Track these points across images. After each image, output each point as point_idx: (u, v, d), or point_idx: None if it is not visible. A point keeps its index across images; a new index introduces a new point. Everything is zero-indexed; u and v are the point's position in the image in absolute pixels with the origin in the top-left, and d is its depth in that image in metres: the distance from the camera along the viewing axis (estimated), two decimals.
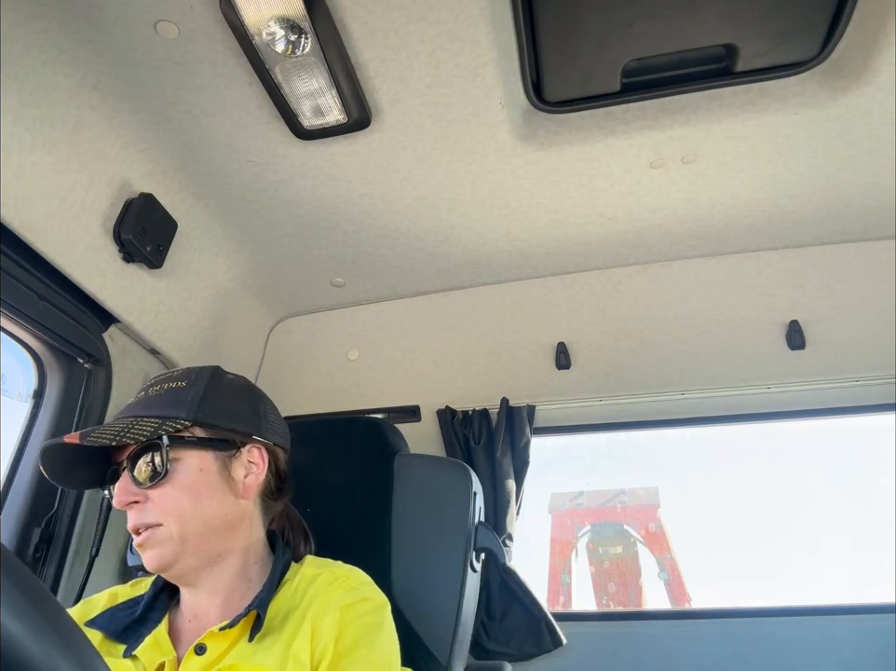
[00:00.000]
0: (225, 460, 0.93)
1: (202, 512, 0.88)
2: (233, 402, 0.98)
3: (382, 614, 0.90)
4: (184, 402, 0.93)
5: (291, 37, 1.11)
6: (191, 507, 0.87)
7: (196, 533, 0.88)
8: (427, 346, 2.04)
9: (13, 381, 1.44)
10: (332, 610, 0.85)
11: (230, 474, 0.92)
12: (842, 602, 1.72)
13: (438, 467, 1.38)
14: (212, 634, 0.85)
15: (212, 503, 0.89)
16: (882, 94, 1.31)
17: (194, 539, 0.87)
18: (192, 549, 0.88)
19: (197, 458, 0.91)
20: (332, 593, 0.88)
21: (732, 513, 8.12)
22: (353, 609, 0.86)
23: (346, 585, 0.91)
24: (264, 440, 0.98)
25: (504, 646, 1.72)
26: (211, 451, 0.92)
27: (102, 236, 1.34)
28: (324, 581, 0.91)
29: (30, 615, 0.43)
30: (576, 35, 1.21)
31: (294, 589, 0.92)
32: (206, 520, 0.88)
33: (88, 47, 1.14)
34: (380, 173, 1.50)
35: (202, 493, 0.89)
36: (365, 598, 0.90)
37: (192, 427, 0.92)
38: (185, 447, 0.90)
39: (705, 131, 1.42)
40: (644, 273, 1.93)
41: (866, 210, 1.70)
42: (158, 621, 0.91)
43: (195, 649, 0.84)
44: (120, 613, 0.94)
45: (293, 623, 0.86)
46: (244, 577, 0.93)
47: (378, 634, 0.87)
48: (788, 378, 1.81)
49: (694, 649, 1.69)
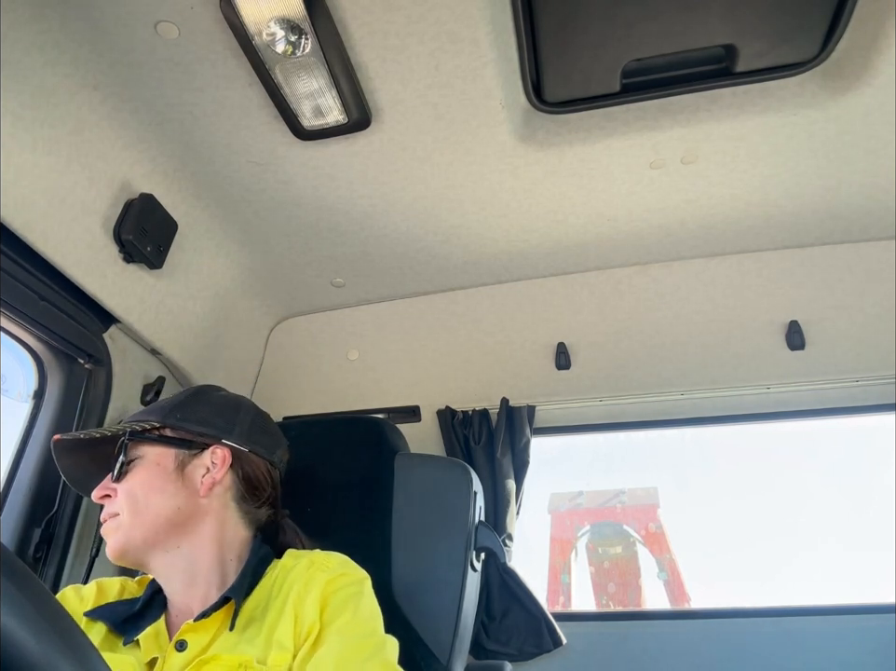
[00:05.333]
0: (185, 458, 0.99)
1: (154, 502, 0.95)
2: (209, 410, 1.06)
3: (362, 585, 0.93)
4: (162, 408, 1.04)
5: (291, 38, 1.11)
6: (143, 498, 0.94)
7: (146, 523, 0.93)
8: (427, 346, 2.05)
9: (13, 381, 1.44)
10: (313, 591, 0.88)
11: (185, 471, 0.99)
12: (842, 602, 1.72)
13: (438, 466, 1.38)
14: (190, 626, 0.87)
15: (164, 496, 0.95)
16: (882, 94, 1.31)
17: (143, 528, 0.93)
18: (142, 538, 0.93)
19: (157, 454, 0.99)
20: (312, 575, 0.91)
21: (732, 513, 8.11)
22: (333, 583, 0.89)
23: (324, 566, 0.93)
24: (231, 444, 1.03)
25: (504, 646, 1.72)
26: (173, 448, 1.00)
27: (103, 236, 1.34)
28: (302, 566, 0.94)
29: (30, 615, 0.43)
30: (576, 36, 1.21)
31: (274, 580, 0.95)
32: (157, 511, 0.94)
33: (89, 47, 1.14)
34: (380, 174, 1.50)
35: (155, 486, 0.96)
36: (344, 573, 0.93)
37: (162, 428, 1.01)
38: (147, 443, 0.99)
39: (705, 132, 1.42)
40: (645, 273, 1.93)
41: (866, 210, 1.70)
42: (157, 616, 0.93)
43: (175, 645, 0.86)
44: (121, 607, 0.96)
45: (275, 611, 0.88)
46: (218, 572, 0.96)
47: (360, 600, 0.90)
48: (788, 378, 1.81)
49: (694, 649, 1.69)
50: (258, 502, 1.05)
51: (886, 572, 2.20)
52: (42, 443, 1.38)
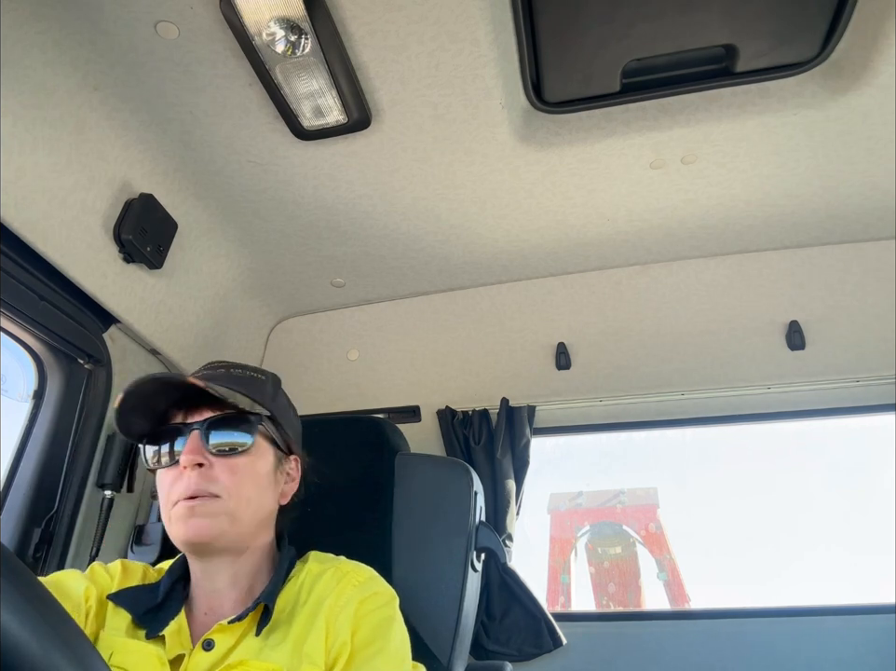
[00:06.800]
0: (279, 462, 0.97)
1: (258, 500, 0.91)
2: (290, 413, 1.04)
3: (393, 607, 0.91)
4: (266, 394, 0.97)
5: (291, 38, 1.11)
6: (254, 492, 0.90)
7: (245, 518, 0.89)
8: (427, 346, 2.05)
9: (13, 381, 1.44)
10: (346, 608, 0.86)
11: (276, 474, 0.96)
12: (842, 602, 1.72)
13: (439, 466, 1.38)
14: (221, 627, 0.85)
15: (266, 496, 0.93)
16: (882, 94, 1.31)
17: (242, 522, 0.88)
18: (236, 531, 0.88)
19: (269, 450, 0.95)
20: (343, 589, 0.89)
21: (731, 513, 8.12)
22: (366, 604, 0.87)
23: (356, 581, 0.91)
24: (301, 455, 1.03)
25: (504, 646, 1.72)
26: (275, 449, 0.96)
27: (103, 236, 1.34)
28: (331, 577, 0.92)
29: (30, 615, 0.43)
30: (576, 36, 1.21)
31: (300, 584, 0.92)
32: (257, 509, 0.91)
33: (89, 47, 1.14)
34: (380, 174, 1.50)
35: (263, 484, 0.92)
36: (376, 593, 0.91)
37: (269, 420, 0.95)
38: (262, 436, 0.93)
39: (705, 132, 1.42)
40: (645, 273, 1.93)
41: (866, 210, 1.70)
42: (178, 610, 0.90)
43: (203, 644, 0.84)
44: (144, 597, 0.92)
45: (303, 620, 0.86)
46: (258, 574, 0.94)
47: (392, 626, 0.88)
48: (788, 378, 1.81)
49: (693, 649, 1.69)
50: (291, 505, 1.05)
51: (886, 573, 2.20)
52: (42, 443, 1.39)
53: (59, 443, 1.41)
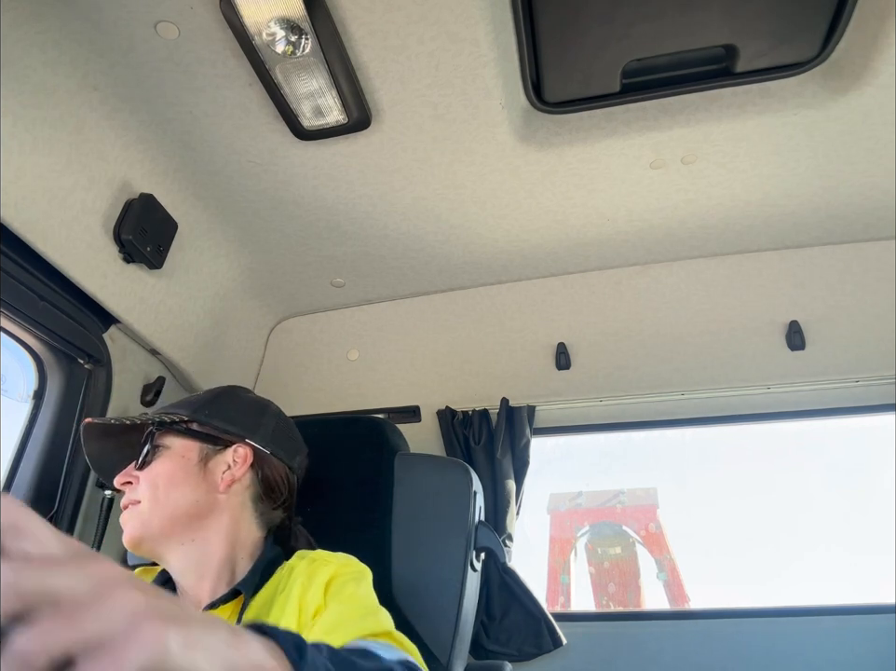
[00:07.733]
0: (209, 454, 1.02)
1: (174, 494, 0.97)
2: (236, 409, 1.08)
3: (364, 574, 0.95)
4: (191, 403, 1.08)
5: (291, 38, 1.11)
6: (164, 488, 0.97)
7: (165, 513, 0.95)
8: (427, 346, 2.04)
9: (13, 381, 1.44)
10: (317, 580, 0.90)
11: (207, 466, 1.01)
12: (842, 602, 1.72)
13: (438, 466, 1.38)
14: None
15: (184, 488, 0.98)
16: (882, 94, 1.31)
17: (161, 518, 0.95)
18: (159, 527, 0.95)
19: (182, 446, 1.01)
20: (315, 569, 0.93)
21: (731, 513, 8.12)
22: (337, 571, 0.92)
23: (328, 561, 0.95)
24: (254, 444, 1.05)
25: (504, 646, 1.72)
26: (198, 442, 1.02)
27: (103, 236, 1.33)
28: (307, 565, 0.95)
29: None
30: (576, 36, 1.21)
31: (280, 578, 0.96)
32: (176, 502, 0.96)
33: (89, 47, 1.14)
34: (380, 174, 1.50)
35: (177, 477, 0.98)
36: (347, 565, 0.95)
37: (190, 422, 1.04)
38: (174, 435, 1.02)
39: (705, 132, 1.42)
40: (645, 273, 1.93)
41: (866, 210, 1.70)
42: None
43: None
44: None
45: (279, 606, 0.90)
46: (229, 568, 0.98)
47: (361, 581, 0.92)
48: (788, 379, 1.81)
49: (693, 649, 1.69)
50: (274, 504, 1.07)
51: (886, 573, 2.20)
52: (42, 443, 1.39)
53: (59, 443, 1.41)
